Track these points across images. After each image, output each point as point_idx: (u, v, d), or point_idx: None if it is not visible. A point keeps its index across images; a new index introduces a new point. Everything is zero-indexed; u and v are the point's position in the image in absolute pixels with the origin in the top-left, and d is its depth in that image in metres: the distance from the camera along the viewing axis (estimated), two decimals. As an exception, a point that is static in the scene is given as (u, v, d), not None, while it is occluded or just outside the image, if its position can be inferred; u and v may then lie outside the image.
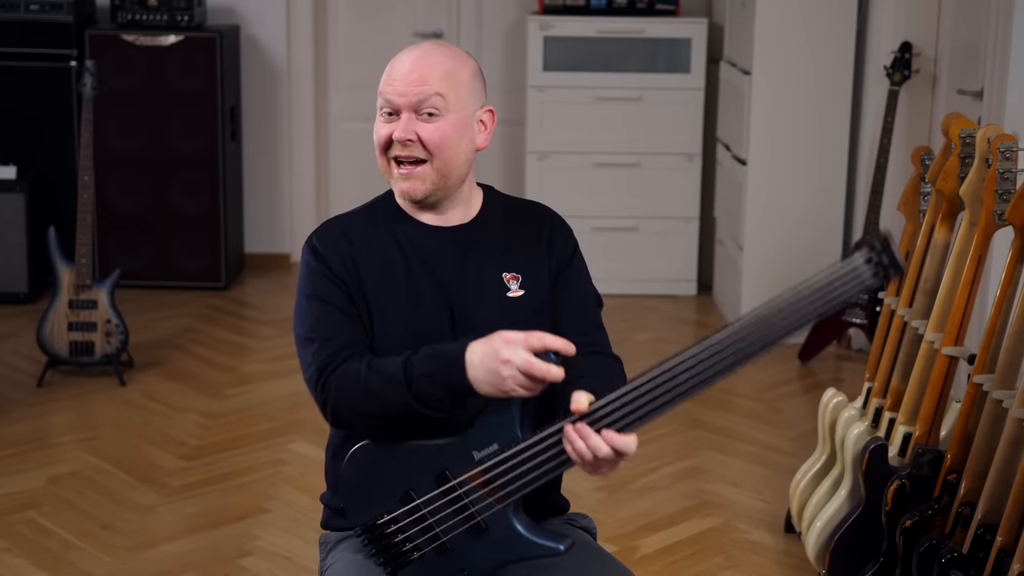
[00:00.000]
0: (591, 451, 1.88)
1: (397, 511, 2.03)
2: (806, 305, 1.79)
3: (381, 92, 2.12)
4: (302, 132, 6.52)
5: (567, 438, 1.90)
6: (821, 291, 1.78)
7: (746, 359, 1.84)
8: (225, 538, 3.63)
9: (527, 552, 2.00)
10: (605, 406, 1.89)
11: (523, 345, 1.91)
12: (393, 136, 2.10)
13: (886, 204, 4.95)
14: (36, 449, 4.24)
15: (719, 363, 1.84)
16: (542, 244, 2.22)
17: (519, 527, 2.00)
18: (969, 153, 3.03)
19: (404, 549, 2.04)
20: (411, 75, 2.09)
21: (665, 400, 1.87)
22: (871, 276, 1.77)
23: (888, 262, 1.76)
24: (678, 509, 3.85)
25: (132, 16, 5.90)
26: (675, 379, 1.87)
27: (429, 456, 2.01)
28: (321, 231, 2.19)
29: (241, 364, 5.14)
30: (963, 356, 3.00)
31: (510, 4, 6.49)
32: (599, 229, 5.96)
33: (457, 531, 2.00)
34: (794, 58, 5.28)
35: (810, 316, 1.80)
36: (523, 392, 1.92)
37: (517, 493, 1.96)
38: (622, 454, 1.89)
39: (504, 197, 2.28)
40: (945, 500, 2.88)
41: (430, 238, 2.17)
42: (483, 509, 1.98)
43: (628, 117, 6.02)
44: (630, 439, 1.89)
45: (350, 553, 2.15)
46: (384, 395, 2.00)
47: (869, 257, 1.77)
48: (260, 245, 6.57)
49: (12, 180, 5.67)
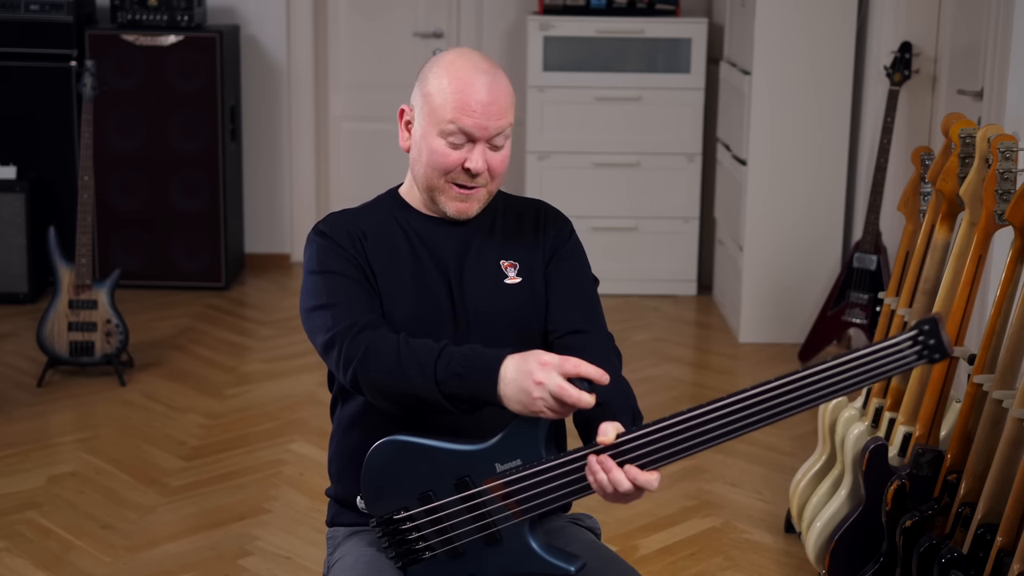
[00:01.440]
0: (612, 485, 1.88)
1: (415, 509, 2.03)
2: (847, 374, 1.78)
3: (456, 120, 2.09)
4: (302, 132, 6.52)
5: (589, 468, 1.89)
6: (864, 362, 1.78)
7: (778, 417, 1.84)
8: (225, 538, 3.63)
9: (538, 568, 2.01)
10: (631, 441, 1.88)
11: (558, 369, 1.88)
12: (471, 168, 2.10)
13: (886, 204, 4.95)
14: (36, 449, 4.24)
15: (751, 417, 1.85)
16: (538, 232, 2.24)
17: (533, 544, 2.00)
18: (969, 153, 3.03)
19: (417, 547, 2.04)
20: (491, 107, 2.10)
21: (691, 445, 1.86)
22: (915, 357, 1.76)
23: (935, 345, 1.75)
24: (678, 509, 3.85)
25: (132, 16, 5.90)
26: (705, 426, 1.86)
27: (452, 460, 2.00)
28: (326, 220, 2.21)
29: (241, 364, 5.14)
30: (963, 356, 3.00)
31: (510, 4, 6.49)
32: (599, 229, 5.96)
33: (472, 538, 2.01)
34: (794, 58, 5.28)
35: (849, 386, 1.79)
36: (551, 415, 1.91)
37: (535, 511, 1.97)
38: (644, 490, 1.89)
39: (504, 195, 2.31)
40: (945, 500, 2.88)
41: (434, 227, 2.20)
42: (500, 520, 1.98)
43: (628, 117, 6.02)
44: (652, 476, 1.88)
45: (362, 546, 2.15)
46: (411, 378, 1.98)
47: (916, 338, 1.76)
48: (260, 245, 6.57)
49: (12, 180, 5.67)
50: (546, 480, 1.94)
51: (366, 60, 6.56)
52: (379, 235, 2.18)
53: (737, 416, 1.85)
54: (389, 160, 6.54)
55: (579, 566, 2.00)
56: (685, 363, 5.31)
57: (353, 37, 6.57)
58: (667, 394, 4.84)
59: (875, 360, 1.77)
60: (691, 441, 1.86)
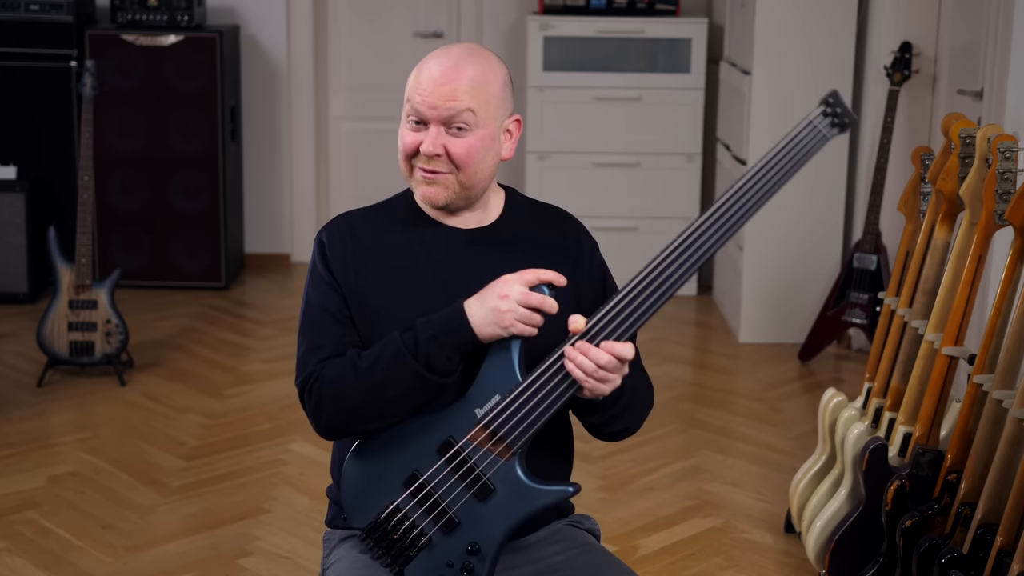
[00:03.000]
0: (593, 362, 1.94)
1: (401, 496, 2.04)
2: (776, 169, 1.94)
3: (409, 99, 2.08)
4: (302, 132, 6.52)
5: (568, 358, 1.96)
6: (787, 153, 1.94)
7: (729, 235, 1.95)
8: (225, 538, 3.63)
9: (539, 500, 2.01)
10: (601, 319, 1.97)
11: (519, 281, 1.99)
12: (420, 149, 2.07)
13: (886, 204, 4.95)
14: (36, 449, 4.24)
15: (703, 246, 1.95)
16: (566, 255, 2.19)
17: (525, 478, 2.01)
18: (969, 153, 3.03)
19: (411, 537, 2.04)
20: (442, 88, 2.05)
21: (657, 297, 1.97)
22: (830, 127, 1.92)
23: (843, 112, 1.91)
24: (678, 509, 3.85)
25: (132, 16, 5.90)
26: (664, 273, 1.96)
27: (431, 428, 2.03)
28: (331, 225, 2.18)
29: (241, 364, 5.14)
30: (963, 356, 3.00)
31: (510, 4, 6.49)
32: (599, 229, 5.90)
33: (464, 499, 2.01)
34: (794, 58, 5.28)
35: (782, 179, 1.94)
36: (522, 327, 1.98)
37: (523, 437, 1.99)
38: (623, 359, 1.96)
39: (527, 201, 2.25)
40: (945, 500, 2.89)
41: (447, 241, 2.15)
42: (488, 467, 2.00)
43: (628, 117, 6.02)
44: (628, 344, 1.97)
45: (355, 552, 2.14)
46: (388, 378, 2.01)
47: (824, 111, 1.92)
48: (260, 245, 6.57)
49: (12, 180, 5.67)
50: (529, 398, 1.99)
51: (366, 60, 6.56)
52: (381, 250, 2.14)
53: (691, 250, 1.96)
54: (389, 160, 6.53)
55: (576, 488, 2.04)
56: (685, 363, 5.31)
57: (353, 37, 6.57)
58: (667, 394, 4.84)
59: (797, 144, 1.94)
60: (656, 293, 1.96)
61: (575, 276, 2.17)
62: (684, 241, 1.95)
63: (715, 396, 4.84)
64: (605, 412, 2.08)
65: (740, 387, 4.96)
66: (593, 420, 2.12)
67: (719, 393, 4.88)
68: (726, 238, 1.95)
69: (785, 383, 5.00)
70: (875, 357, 3.42)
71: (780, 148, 1.94)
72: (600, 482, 4.00)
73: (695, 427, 4.52)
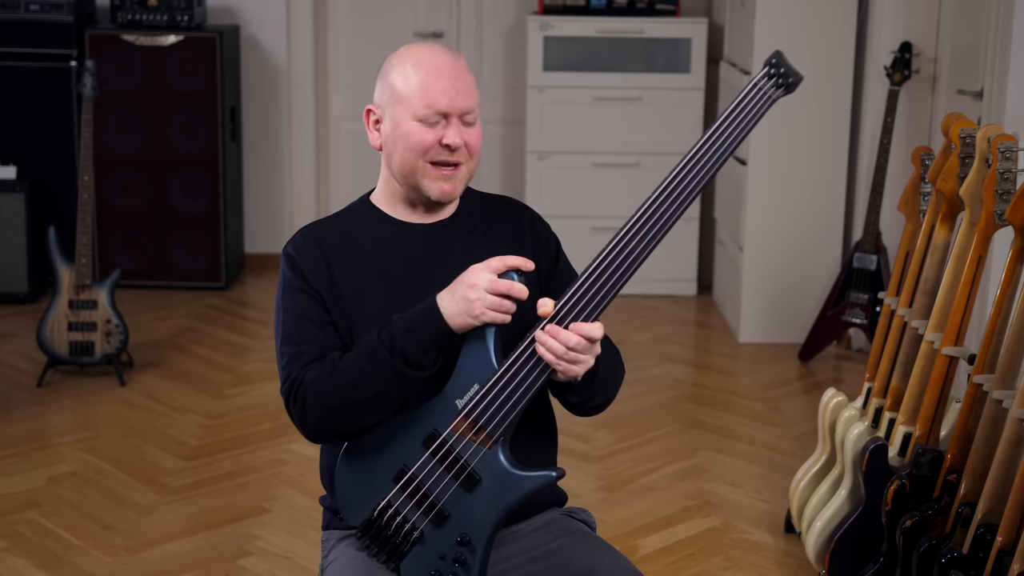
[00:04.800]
0: (563, 344, 1.97)
1: (391, 492, 2.08)
2: (727, 135, 1.97)
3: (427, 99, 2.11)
4: (302, 132, 6.52)
5: (539, 342, 2.00)
6: (736, 118, 1.97)
7: (686, 204, 1.98)
8: (225, 538, 3.63)
9: (523, 486, 2.04)
10: (568, 301, 2.00)
11: (486, 270, 2.02)
12: (448, 142, 2.12)
13: (886, 204, 4.95)
14: (36, 449, 4.24)
15: (662, 218, 1.98)
16: (524, 237, 2.26)
17: (509, 466, 2.04)
18: (969, 153, 3.03)
19: (403, 532, 2.07)
20: (457, 82, 2.13)
21: (621, 274, 1.99)
22: (774, 89, 1.98)
23: (786, 72, 1.97)
24: (678, 509, 3.85)
25: (132, 16, 5.90)
26: (625, 249, 1.98)
27: (416, 422, 2.07)
28: (296, 240, 2.22)
29: (241, 364, 5.14)
30: (963, 356, 3.00)
31: (510, 4, 6.49)
32: (599, 229, 5.95)
33: (451, 490, 2.04)
34: (794, 58, 5.24)
35: (734, 142, 1.97)
36: (494, 315, 2.01)
37: (503, 424, 2.02)
38: (593, 339, 1.99)
39: (478, 194, 2.32)
40: (945, 500, 2.89)
41: (411, 237, 2.21)
42: (472, 457, 2.03)
43: (628, 117, 6.02)
44: (596, 324, 2.00)
45: (352, 550, 2.17)
46: (367, 376, 2.04)
47: (768, 73, 1.98)
48: (260, 245, 6.57)
49: (12, 180, 5.67)
50: (505, 385, 2.02)
51: (366, 60, 6.55)
52: (349, 254, 2.18)
53: (651, 222, 1.98)
54: (389, 160, 6.53)
55: (560, 473, 2.06)
56: (685, 363, 5.31)
57: (353, 37, 6.57)
58: (667, 394, 4.84)
59: (745, 108, 1.98)
60: (620, 270, 1.98)
61: (536, 259, 2.22)
62: (641, 216, 1.99)
63: (715, 396, 4.84)
64: (582, 391, 2.12)
65: (740, 387, 4.96)
66: (572, 399, 2.16)
67: (719, 393, 4.88)
68: (683, 208, 1.99)
69: (785, 383, 5.00)
70: (875, 357, 3.42)
71: (728, 113, 1.99)
72: (600, 482, 4.00)
73: (695, 427, 4.52)
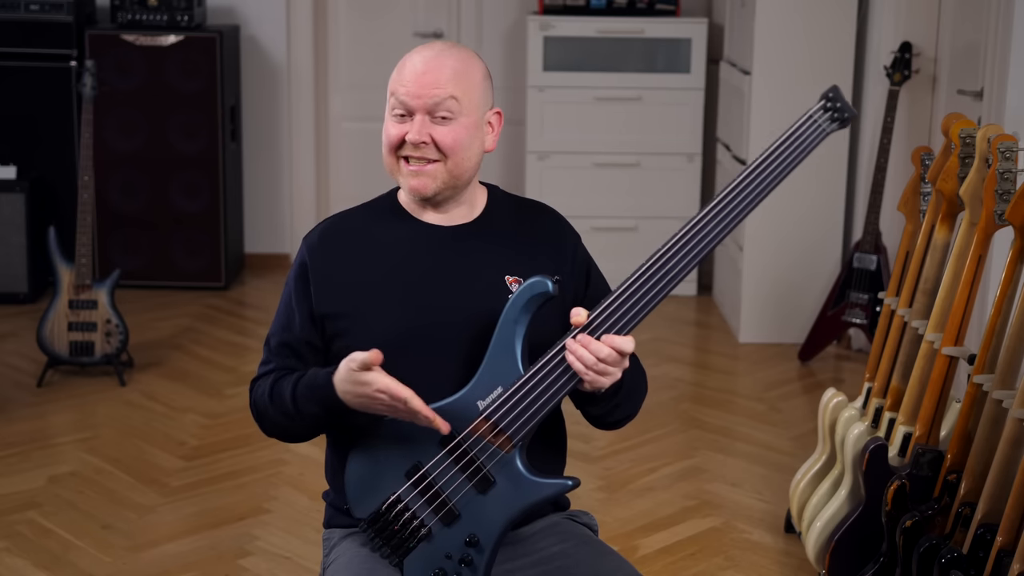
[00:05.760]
0: (593, 355, 1.95)
1: (403, 487, 2.06)
2: (778, 163, 1.97)
3: (393, 92, 2.11)
4: (302, 132, 6.52)
5: (569, 350, 1.97)
6: (787, 147, 1.96)
7: (729, 229, 1.96)
8: (225, 538, 3.63)
9: (538, 493, 2.03)
10: (602, 313, 1.98)
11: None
12: (407, 138, 2.10)
13: (886, 204, 4.95)
14: (36, 449, 4.24)
15: (704, 240, 1.96)
16: (550, 248, 2.22)
17: (525, 471, 2.02)
18: (969, 153, 3.03)
19: (411, 528, 2.05)
20: (424, 77, 2.09)
21: (658, 291, 1.97)
22: (829, 123, 1.95)
23: (843, 107, 1.94)
24: (678, 509, 3.85)
25: (132, 16, 5.90)
26: (665, 267, 1.97)
27: None
28: (316, 232, 2.21)
29: (241, 364, 5.14)
30: (963, 356, 3.00)
31: (510, 4, 6.49)
32: (599, 229, 5.95)
33: (464, 491, 2.03)
34: (794, 58, 5.28)
35: (783, 173, 1.97)
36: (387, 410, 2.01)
37: (524, 429, 2.00)
38: (624, 353, 1.97)
39: (508, 197, 2.28)
40: (945, 500, 2.88)
41: (431, 239, 2.17)
42: (488, 459, 2.02)
43: (628, 117, 6.02)
44: (628, 338, 1.98)
45: (355, 546, 2.16)
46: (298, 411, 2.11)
47: (824, 105, 1.94)
48: (260, 245, 6.57)
49: (12, 180, 5.67)
50: (531, 390, 2.00)
51: (366, 60, 6.56)
52: (367, 252, 2.17)
53: (693, 242, 1.96)
54: (389, 160, 6.53)
55: (576, 481, 2.05)
56: (685, 363, 5.31)
57: (353, 37, 6.57)
58: (667, 394, 4.84)
59: (797, 139, 1.97)
60: (658, 287, 1.97)
61: (560, 269, 2.19)
62: (685, 235, 1.96)
63: (715, 396, 4.84)
64: (605, 403, 2.11)
65: (740, 387, 4.96)
66: (593, 411, 2.14)
67: (719, 393, 4.88)
68: (726, 232, 1.96)
69: (785, 383, 5.00)
70: (875, 357, 3.42)
71: (781, 142, 1.96)
72: (600, 482, 4.00)
73: (695, 427, 4.52)
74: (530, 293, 2.02)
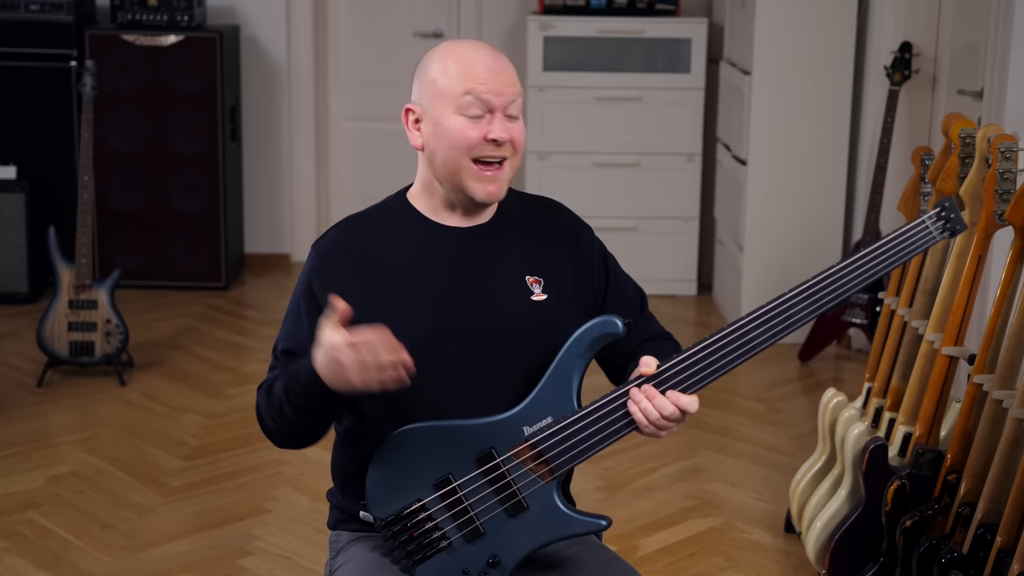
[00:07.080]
0: (657, 410, 1.94)
1: (429, 497, 2.02)
2: (880, 258, 1.94)
3: (471, 91, 2.03)
4: (302, 132, 6.52)
5: (633, 399, 1.95)
6: (894, 245, 1.93)
7: (819, 310, 1.95)
8: (225, 538, 3.63)
9: (569, 529, 2.01)
10: (671, 367, 1.95)
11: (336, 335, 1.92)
12: (493, 137, 2.04)
13: (886, 204, 4.95)
14: (36, 449, 4.24)
15: (792, 317, 1.94)
16: (564, 243, 2.20)
17: (561, 504, 2.01)
18: (969, 153, 3.03)
19: (432, 538, 2.02)
20: (501, 75, 2.05)
21: (734, 358, 1.95)
22: (939, 230, 1.94)
23: (956, 219, 1.93)
24: (678, 509, 3.85)
25: (132, 16, 5.90)
26: (745, 336, 1.95)
27: (476, 435, 2.01)
28: (327, 237, 2.16)
29: (241, 364, 5.14)
30: (963, 356, 3.00)
31: (510, 4, 6.49)
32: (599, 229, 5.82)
33: (494, 512, 2.00)
34: (794, 58, 5.28)
35: (883, 268, 1.94)
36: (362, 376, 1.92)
37: (568, 464, 1.99)
38: (686, 413, 1.96)
39: (516, 194, 2.24)
40: (945, 500, 2.89)
41: (447, 241, 2.13)
42: (526, 486, 1.99)
43: (628, 117, 6.02)
44: (693, 398, 1.96)
45: (365, 551, 2.13)
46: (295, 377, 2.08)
47: (939, 214, 1.93)
48: (260, 245, 6.57)
49: (12, 180, 5.67)
50: (582, 428, 1.97)
51: (366, 60, 6.56)
52: (382, 252, 2.12)
53: (777, 319, 1.94)
54: (389, 160, 6.54)
55: (609, 521, 2.03)
56: (685, 363, 5.31)
57: (353, 37, 6.57)
58: (667, 394, 4.83)
59: (905, 240, 1.94)
60: (733, 355, 1.95)
61: (575, 263, 2.18)
62: (774, 308, 1.94)
63: (715, 396, 4.84)
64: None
65: (740, 387, 4.96)
66: None
67: (719, 393, 4.88)
68: (815, 313, 1.95)
69: (785, 383, 5.01)
70: (875, 357, 3.42)
71: (889, 239, 1.94)
72: (600, 482, 4.00)
73: (695, 427, 4.52)
74: (599, 331, 2.00)
